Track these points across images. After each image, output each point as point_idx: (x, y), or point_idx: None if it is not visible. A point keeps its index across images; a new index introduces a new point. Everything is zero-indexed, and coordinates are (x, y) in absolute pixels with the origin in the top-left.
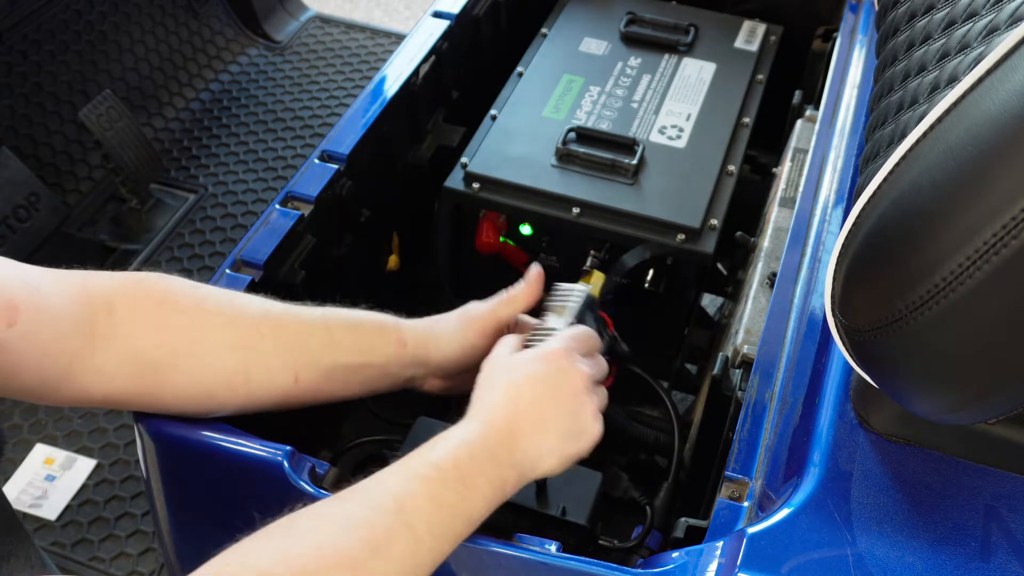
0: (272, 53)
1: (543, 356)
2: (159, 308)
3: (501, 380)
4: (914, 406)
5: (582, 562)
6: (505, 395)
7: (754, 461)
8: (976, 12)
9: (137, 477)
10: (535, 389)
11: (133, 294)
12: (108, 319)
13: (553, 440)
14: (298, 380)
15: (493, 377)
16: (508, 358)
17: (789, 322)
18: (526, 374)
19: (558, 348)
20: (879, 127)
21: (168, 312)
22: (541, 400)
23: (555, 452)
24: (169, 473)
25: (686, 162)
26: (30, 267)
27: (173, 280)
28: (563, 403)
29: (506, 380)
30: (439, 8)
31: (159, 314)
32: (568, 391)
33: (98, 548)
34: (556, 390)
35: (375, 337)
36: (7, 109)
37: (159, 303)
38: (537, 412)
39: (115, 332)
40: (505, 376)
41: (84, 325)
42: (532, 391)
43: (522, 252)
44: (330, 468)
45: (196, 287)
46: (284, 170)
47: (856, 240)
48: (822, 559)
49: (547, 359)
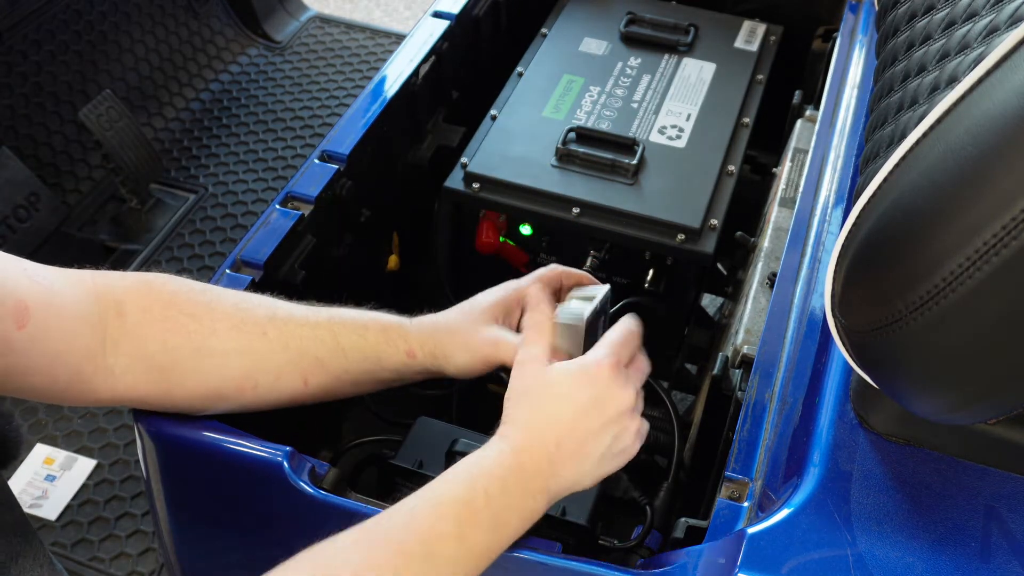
0: (272, 53)
1: (587, 373)
2: (167, 311)
3: (538, 399)
4: (914, 406)
5: (582, 562)
6: (543, 416)
7: (754, 461)
8: (976, 12)
9: (137, 477)
10: (576, 412)
11: (142, 296)
12: (118, 320)
13: (592, 464)
14: (307, 383)
15: (528, 391)
16: (544, 371)
17: (789, 322)
18: (568, 395)
19: (604, 362)
20: (879, 127)
21: (176, 315)
22: (583, 424)
23: (591, 475)
24: (169, 473)
25: (686, 162)
26: (42, 267)
27: (182, 282)
28: (607, 427)
29: (544, 398)
30: (439, 8)
31: (167, 317)
32: (613, 414)
33: (98, 548)
34: (601, 414)
35: (383, 345)
36: (7, 109)
37: (167, 306)
38: (578, 438)
39: (125, 333)
40: (542, 393)
41: (95, 325)
42: (573, 414)
43: (522, 252)
44: (330, 468)
45: (204, 290)
46: (284, 170)
47: (856, 240)
48: (822, 559)
49: (591, 380)
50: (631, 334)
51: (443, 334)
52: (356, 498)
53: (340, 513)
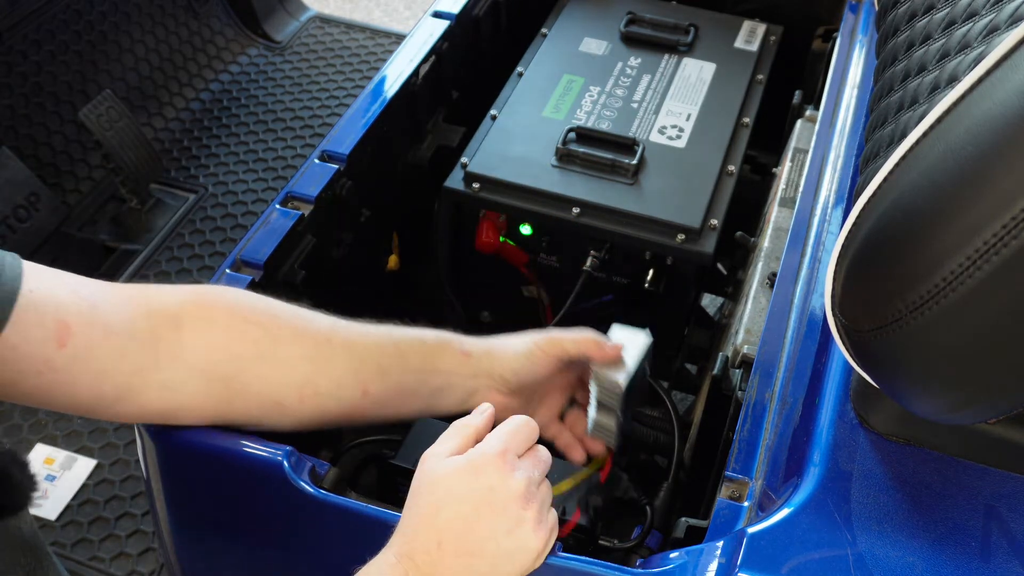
0: (272, 53)
1: (470, 468)
2: (230, 319)
3: (424, 497)
4: (914, 406)
5: (582, 562)
6: (424, 517)
7: (754, 461)
8: (976, 12)
9: (137, 477)
10: (459, 509)
11: (202, 307)
12: (174, 334)
13: (487, 566)
14: (366, 393)
15: (415, 492)
16: (436, 465)
17: (789, 322)
18: (449, 491)
19: (489, 454)
20: (879, 127)
21: (239, 323)
22: (467, 521)
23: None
24: (169, 473)
25: (686, 162)
26: (88, 282)
27: (240, 292)
28: (493, 521)
29: (427, 496)
30: (439, 8)
31: (231, 325)
32: (499, 507)
33: (98, 548)
34: (485, 507)
35: (440, 348)
36: (7, 109)
37: (230, 314)
38: (459, 534)
39: (183, 346)
40: (428, 491)
41: (145, 341)
42: (455, 511)
43: (522, 252)
44: (330, 468)
45: (261, 299)
46: (284, 170)
47: (856, 240)
48: (822, 559)
49: (475, 471)
50: (521, 426)
51: (500, 338)
52: (356, 498)
53: (340, 513)
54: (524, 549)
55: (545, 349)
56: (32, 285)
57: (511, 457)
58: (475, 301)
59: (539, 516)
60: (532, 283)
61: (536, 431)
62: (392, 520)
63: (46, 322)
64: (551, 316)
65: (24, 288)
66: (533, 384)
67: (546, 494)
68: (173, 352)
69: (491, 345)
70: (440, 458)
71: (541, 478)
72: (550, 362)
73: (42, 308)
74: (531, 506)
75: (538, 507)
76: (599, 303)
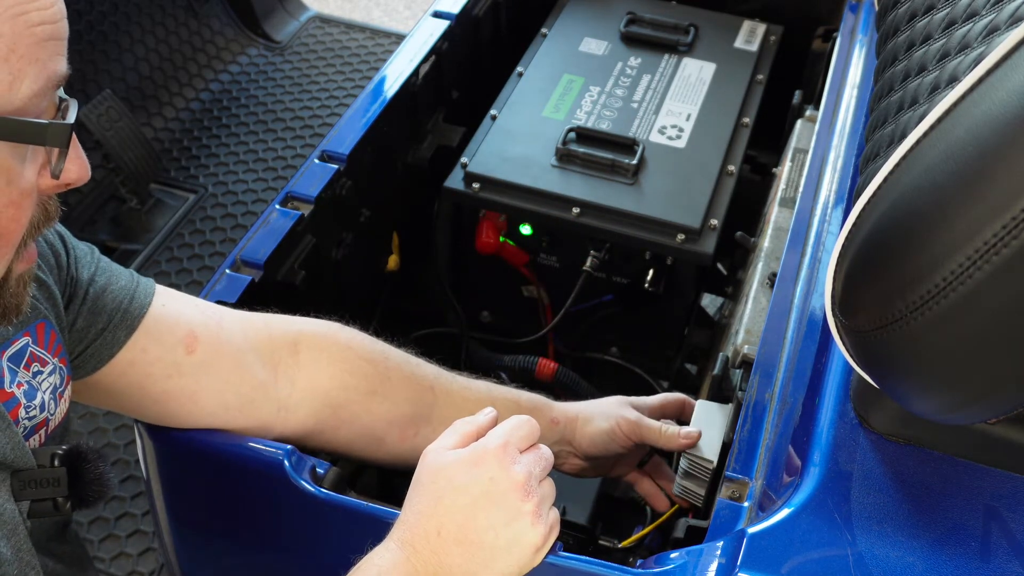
0: (272, 53)
1: (471, 459)
2: (344, 352)
3: (425, 487)
4: (914, 406)
5: (582, 562)
6: (425, 504)
7: (754, 461)
8: (976, 12)
9: (137, 477)
10: (459, 499)
11: (319, 337)
12: (292, 358)
13: (485, 554)
14: None
15: (417, 481)
16: (438, 457)
17: (789, 322)
18: (450, 481)
19: (490, 447)
20: (879, 127)
21: (353, 357)
22: (467, 511)
23: (488, 567)
24: (169, 473)
25: (686, 162)
26: (212, 304)
27: (354, 331)
28: (494, 510)
29: (429, 486)
30: (439, 8)
31: (345, 359)
32: (498, 498)
33: (98, 548)
34: (485, 498)
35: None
36: None
37: (344, 348)
38: (459, 522)
39: (300, 369)
40: (430, 481)
41: (267, 359)
42: (455, 501)
43: (522, 252)
44: (331, 467)
45: (373, 339)
46: (284, 170)
47: (856, 240)
48: (822, 559)
49: (476, 462)
50: (524, 424)
51: (587, 408)
52: (356, 498)
53: (340, 512)
54: (522, 542)
55: (627, 432)
56: (163, 301)
57: (512, 450)
58: (475, 301)
59: (538, 511)
60: (532, 283)
61: (538, 430)
62: (391, 518)
63: (176, 331)
64: (551, 316)
65: (156, 302)
66: (612, 455)
67: (548, 491)
68: (290, 374)
69: (578, 414)
70: (441, 452)
71: (543, 475)
72: (629, 444)
73: (172, 319)
74: (530, 500)
75: (538, 501)
76: (599, 303)
